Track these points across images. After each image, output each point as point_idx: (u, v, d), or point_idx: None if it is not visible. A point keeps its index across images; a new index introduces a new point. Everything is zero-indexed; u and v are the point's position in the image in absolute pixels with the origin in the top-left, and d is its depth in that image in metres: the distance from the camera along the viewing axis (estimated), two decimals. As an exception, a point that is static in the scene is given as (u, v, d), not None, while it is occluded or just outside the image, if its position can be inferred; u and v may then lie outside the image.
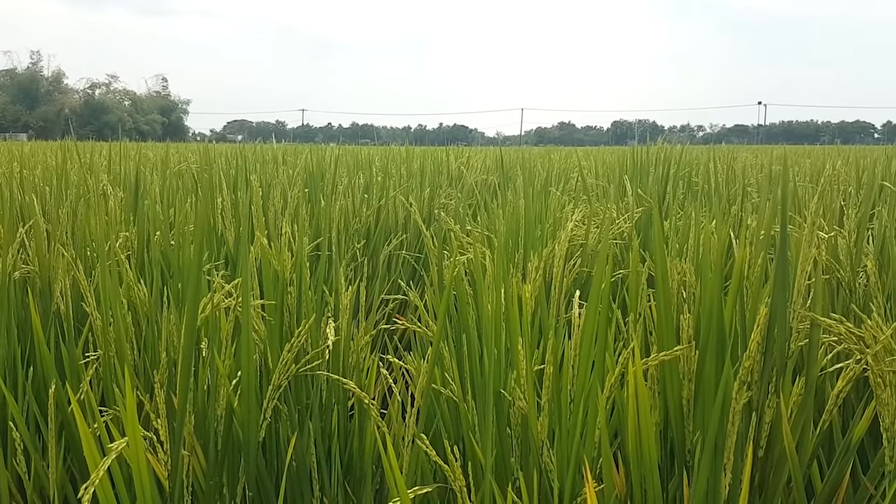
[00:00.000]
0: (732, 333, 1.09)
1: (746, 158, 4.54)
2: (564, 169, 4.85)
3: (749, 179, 3.35)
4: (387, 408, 1.41)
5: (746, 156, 5.14)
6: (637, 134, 28.16)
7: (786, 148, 5.23)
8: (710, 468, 1.01)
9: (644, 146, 3.17)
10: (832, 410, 1.07)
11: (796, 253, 1.12)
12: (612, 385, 1.13)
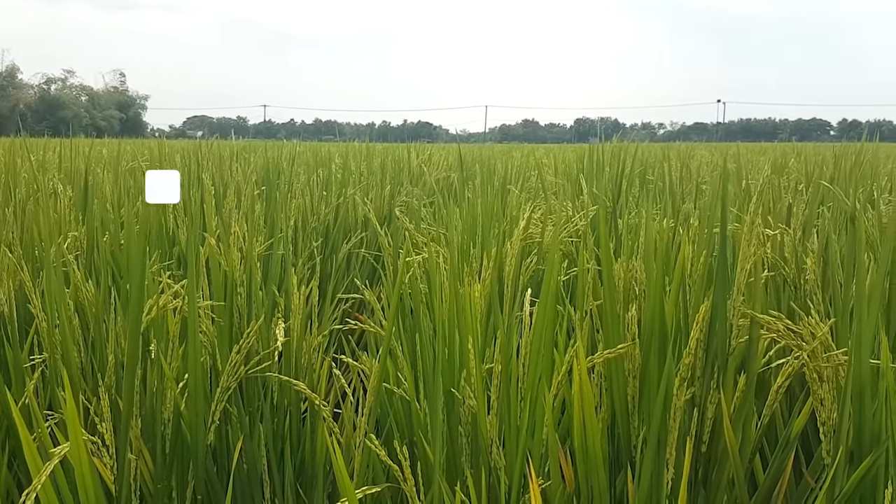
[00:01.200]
0: (675, 330, 1.11)
1: (703, 156, 4.62)
2: (525, 167, 4.87)
3: (703, 177, 3.41)
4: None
5: (703, 153, 5.23)
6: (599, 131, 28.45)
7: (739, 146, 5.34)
8: (652, 464, 1.03)
9: (599, 144, 3.20)
10: (773, 406, 1.09)
11: (739, 251, 1.14)
12: (558, 382, 1.14)
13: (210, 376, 1.41)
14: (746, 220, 1.06)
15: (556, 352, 1.29)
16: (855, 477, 0.96)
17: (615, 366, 1.15)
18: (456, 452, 1.19)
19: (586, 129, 46.06)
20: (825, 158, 3.49)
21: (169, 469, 1.36)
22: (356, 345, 2.32)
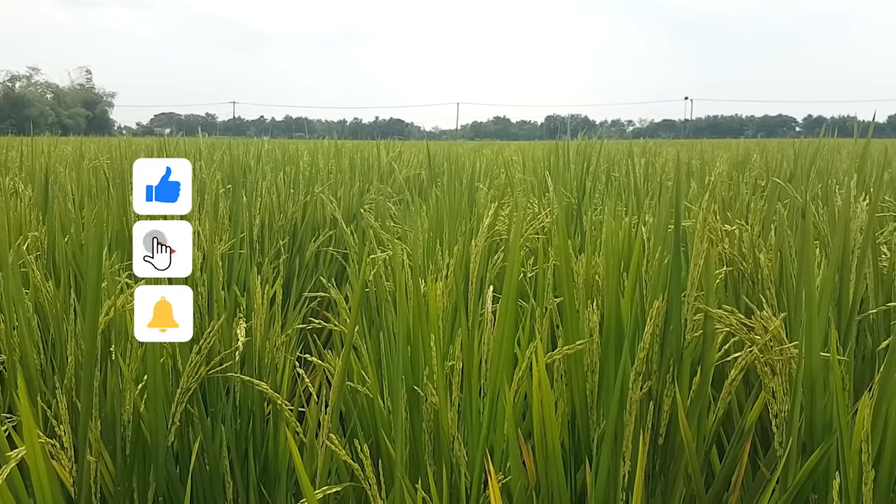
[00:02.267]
0: (633, 326, 1.13)
1: (668, 153, 4.67)
2: (494, 164, 4.89)
3: (669, 175, 3.44)
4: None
5: (670, 150, 5.29)
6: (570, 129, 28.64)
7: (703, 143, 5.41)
8: (609, 457, 1.04)
9: (564, 141, 3.22)
10: (727, 398, 1.12)
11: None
12: (519, 378, 1.15)
13: (172, 377, 1.39)
14: (699, 217, 1.08)
15: (518, 348, 1.30)
16: (806, 467, 0.98)
17: (574, 362, 1.16)
18: (418, 449, 1.20)
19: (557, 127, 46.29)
20: (785, 155, 3.55)
21: (130, 471, 1.35)
22: (323, 344, 2.31)
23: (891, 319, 1.35)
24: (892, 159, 4.21)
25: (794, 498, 1.00)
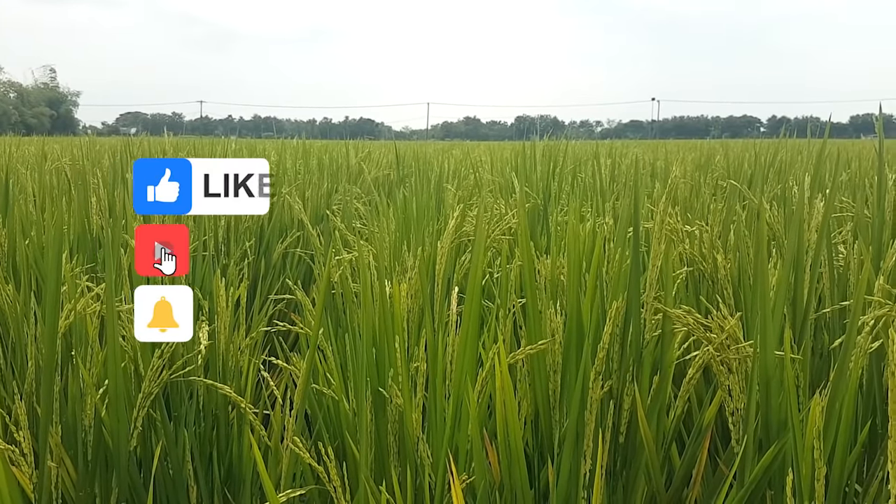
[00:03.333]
0: (594, 326, 1.14)
1: (635, 154, 4.72)
2: (464, 164, 4.90)
3: (633, 176, 3.48)
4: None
5: (636, 151, 5.35)
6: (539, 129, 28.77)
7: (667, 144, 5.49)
8: (571, 456, 1.06)
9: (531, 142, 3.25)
10: (685, 396, 1.14)
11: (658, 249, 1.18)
12: (483, 379, 1.16)
13: (134, 381, 1.38)
14: (656, 219, 1.10)
15: (482, 349, 1.31)
16: (762, 464, 1.00)
17: (538, 362, 1.17)
18: (383, 451, 1.20)
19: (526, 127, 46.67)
20: (747, 156, 3.61)
21: (92, 476, 1.34)
22: (291, 347, 2.30)
23: (846, 318, 1.39)
24: (852, 159, 4.30)
25: (750, 494, 1.03)
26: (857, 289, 0.98)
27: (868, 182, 1.98)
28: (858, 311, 0.97)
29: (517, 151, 4.31)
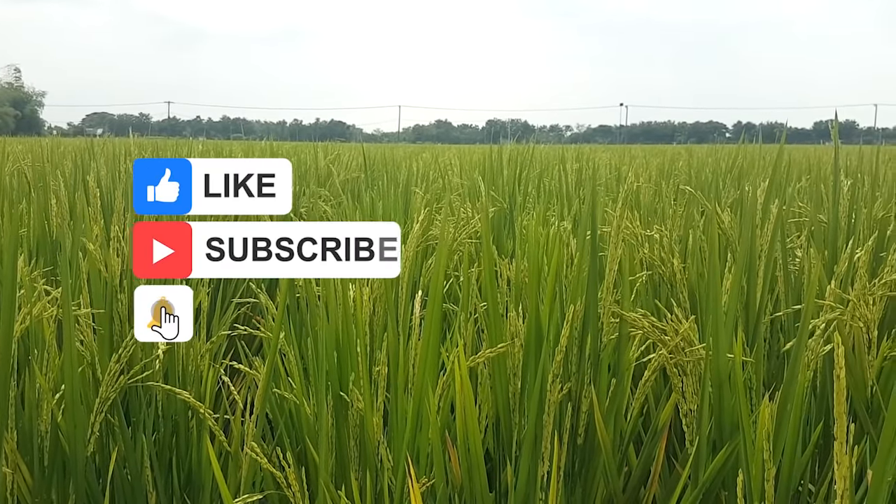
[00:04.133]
0: (555, 330, 1.15)
1: (601, 158, 4.77)
2: (434, 167, 4.90)
3: (600, 180, 3.52)
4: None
5: (603, 156, 5.40)
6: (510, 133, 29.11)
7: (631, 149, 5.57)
8: (529, 458, 1.07)
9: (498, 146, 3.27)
10: (640, 398, 1.15)
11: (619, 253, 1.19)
12: (444, 383, 1.17)
13: (92, 386, 1.36)
14: (613, 224, 1.11)
15: (444, 353, 1.31)
16: (714, 465, 1.02)
17: (498, 365, 1.18)
18: (344, 455, 1.20)
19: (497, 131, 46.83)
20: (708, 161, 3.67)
21: (48, 483, 1.32)
22: (255, 352, 2.28)
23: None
24: (813, 165, 4.39)
25: (704, 495, 1.04)
26: (808, 293, 1.00)
27: (823, 187, 2.02)
28: (809, 314, 1.00)
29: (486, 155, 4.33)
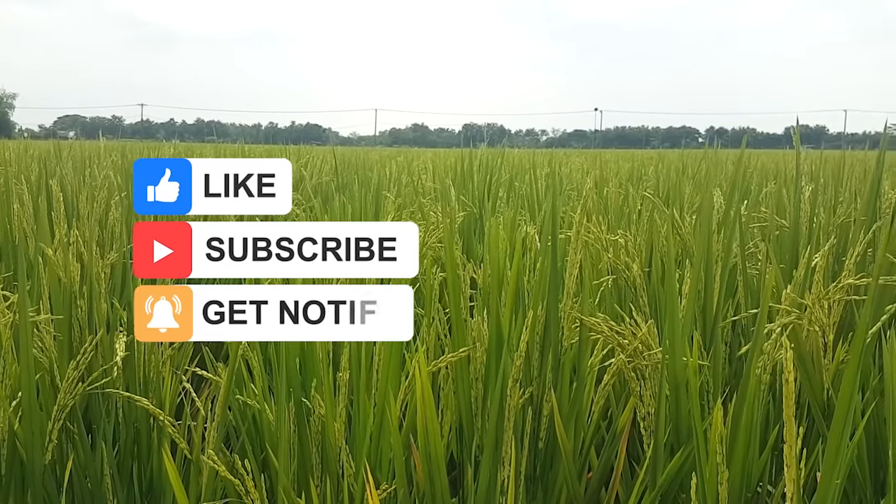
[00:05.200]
0: (518, 334, 1.16)
1: (573, 163, 4.80)
2: (406, 171, 4.90)
3: (573, 185, 3.55)
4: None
5: (576, 160, 5.44)
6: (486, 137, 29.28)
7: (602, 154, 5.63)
8: (490, 462, 1.07)
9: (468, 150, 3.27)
10: (600, 402, 1.16)
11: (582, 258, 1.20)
12: (406, 388, 1.17)
13: (51, 393, 1.34)
14: (573, 229, 1.12)
15: (408, 357, 1.31)
16: (670, 468, 1.03)
17: (461, 370, 1.18)
18: (306, 462, 1.20)
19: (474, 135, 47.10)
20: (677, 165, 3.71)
21: (6, 491, 1.29)
22: (225, 358, 2.26)
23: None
24: (781, 169, 4.45)
25: (662, 497, 1.05)
26: (763, 297, 1.02)
27: (786, 192, 2.05)
28: (764, 318, 1.01)
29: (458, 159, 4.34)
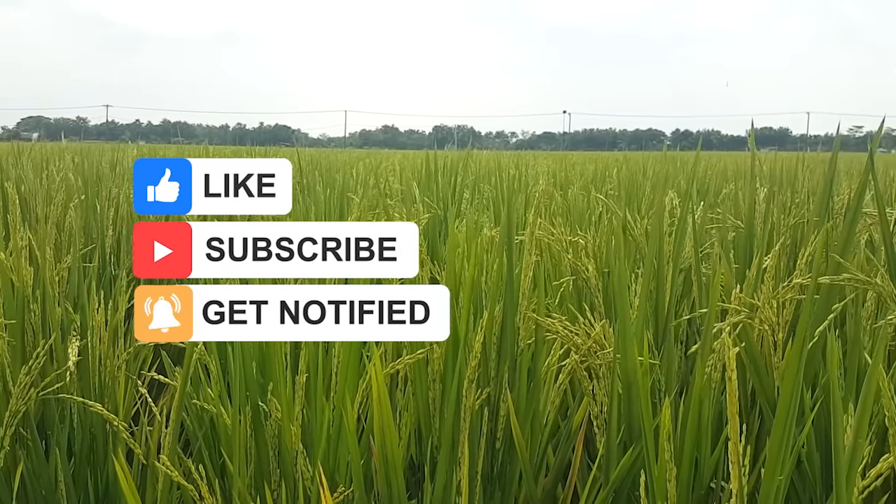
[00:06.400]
0: (476, 335, 1.16)
1: (540, 165, 4.84)
2: (374, 173, 4.89)
3: (538, 187, 3.57)
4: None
5: (544, 162, 5.48)
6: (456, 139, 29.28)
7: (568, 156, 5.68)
8: (447, 463, 1.08)
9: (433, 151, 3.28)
10: (554, 401, 1.17)
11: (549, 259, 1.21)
12: (363, 389, 1.17)
13: (4, 399, 1.32)
14: (527, 230, 1.14)
15: (365, 359, 1.31)
16: (621, 466, 1.05)
17: (419, 371, 1.19)
18: (263, 466, 1.19)
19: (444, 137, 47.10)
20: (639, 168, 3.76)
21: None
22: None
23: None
24: (742, 171, 4.53)
25: (615, 494, 1.07)
26: (711, 296, 1.04)
27: (741, 194, 2.09)
28: (712, 317, 1.03)
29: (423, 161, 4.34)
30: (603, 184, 3.27)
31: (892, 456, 0.93)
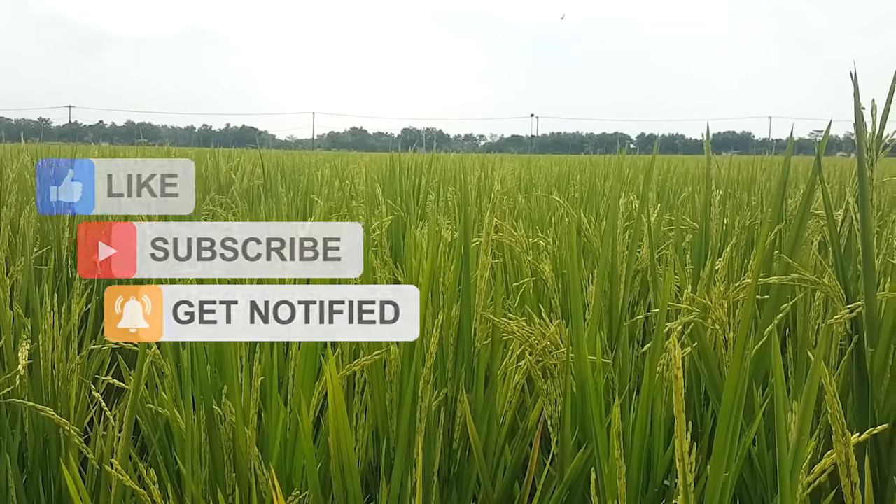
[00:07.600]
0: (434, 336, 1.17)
1: (506, 168, 4.86)
2: (341, 174, 4.87)
3: (505, 189, 3.59)
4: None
5: (508, 165, 5.50)
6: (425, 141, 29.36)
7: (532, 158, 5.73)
8: (402, 464, 1.08)
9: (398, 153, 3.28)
10: (511, 401, 1.18)
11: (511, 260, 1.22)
12: (320, 392, 1.16)
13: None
14: (483, 232, 1.14)
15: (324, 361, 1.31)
16: (574, 465, 1.06)
17: (377, 373, 1.19)
18: (217, 469, 1.18)
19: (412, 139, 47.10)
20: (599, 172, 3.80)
21: None
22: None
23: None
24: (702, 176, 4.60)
25: (569, 492, 1.08)
26: (662, 297, 1.05)
27: (697, 197, 2.13)
28: (663, 317, 1.05)
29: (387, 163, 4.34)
30: (567, 186, 3.30)
31: (835, 452, 0.96)
